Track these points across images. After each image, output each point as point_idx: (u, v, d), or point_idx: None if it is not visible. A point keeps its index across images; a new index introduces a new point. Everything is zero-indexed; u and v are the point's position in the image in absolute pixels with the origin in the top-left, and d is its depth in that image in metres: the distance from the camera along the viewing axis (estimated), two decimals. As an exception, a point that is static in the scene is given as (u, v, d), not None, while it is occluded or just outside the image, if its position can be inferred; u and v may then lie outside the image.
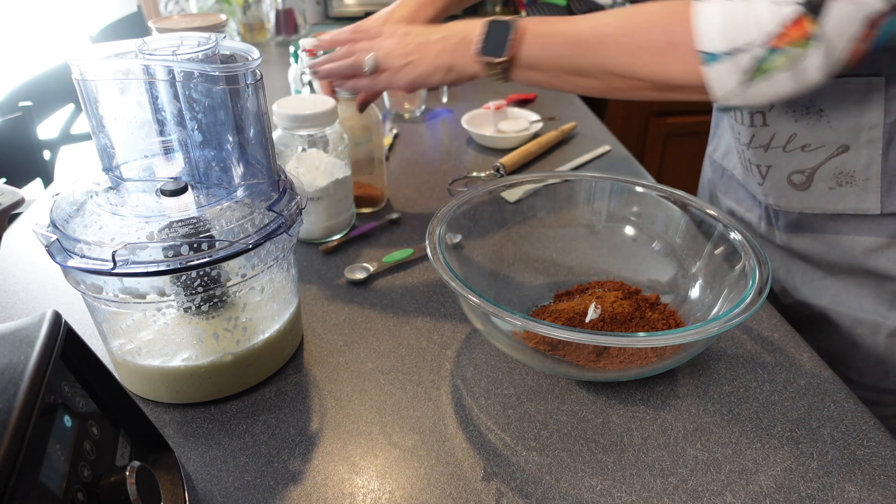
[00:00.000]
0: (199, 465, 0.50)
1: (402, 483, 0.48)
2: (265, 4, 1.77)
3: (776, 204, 0.72)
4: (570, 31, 0.61)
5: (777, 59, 0.51)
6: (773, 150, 0.68)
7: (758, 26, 0.50)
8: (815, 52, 0.50)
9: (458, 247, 0.65)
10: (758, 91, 0.53)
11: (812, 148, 0.65)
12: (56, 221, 0.48)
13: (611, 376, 0.55)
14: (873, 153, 0.62)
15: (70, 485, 0.34)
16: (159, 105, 0.51)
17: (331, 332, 0.64)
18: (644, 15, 0.58)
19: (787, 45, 0.50)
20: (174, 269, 0.46)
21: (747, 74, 0.52)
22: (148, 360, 0.53)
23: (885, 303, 0.67)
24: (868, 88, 0.60)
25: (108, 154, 0.52)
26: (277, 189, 0.53)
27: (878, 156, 0.62)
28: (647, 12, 0.58)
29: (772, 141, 0.68)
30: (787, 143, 0.66)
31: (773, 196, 0.72)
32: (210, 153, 0.52)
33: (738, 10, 0.51)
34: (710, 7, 0.53)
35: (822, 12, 0.48)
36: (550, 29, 0.62)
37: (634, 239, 0.71)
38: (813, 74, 0.51)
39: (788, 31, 0.50)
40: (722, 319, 0.49)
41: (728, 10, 0.52)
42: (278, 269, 0.56)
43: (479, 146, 1.08)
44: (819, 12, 0.49)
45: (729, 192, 0.83)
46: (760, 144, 0.69)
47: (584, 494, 0.47)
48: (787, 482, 0.48)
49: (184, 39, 0.51)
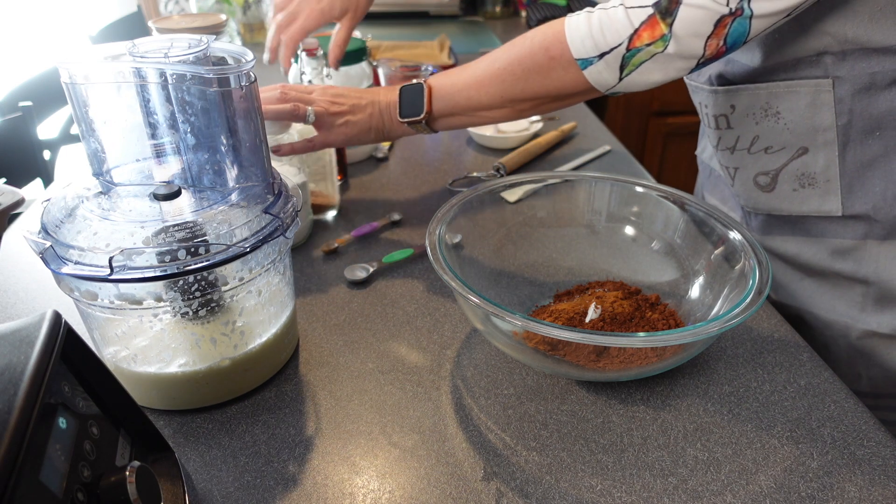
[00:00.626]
0: (199, 465, 0.50)
1: (402, 483, 0.48)
2: (265, 4, 1.77)
3: (747, 205, 0.73)
4: (469, 76, 0.70)
5: (639, 56, 0.59)
6: (739, 153, 0.69)
7: (616, 31, 0.59)
8: (670, 47, 0.57)
9: (458, 247, 0.65)
10: (632, 81, 0.61)
11: (774, 150, 0.66)
12: (47, 227, 0.47)
13: (611, 376, 0.55)
14: (830, 155, 0.63)
15: (70, 485, 0.34)
16: (151, 108, 0.50)
17: (331, 333, 0.64)
18: (526, 42, 0.66)
19: (643, 43, 0.58)
20: (172, 273, 0.45)
21: (620, 70, 0.61)
22: (144, 367, 0.53)
23: (856, 305, 0.67)
24: (817, 91, 0.61)
25: (98, 158, 0.52)
26: (272, 192, 0.53)
27: (835, 158, 0.63)
28: (528, 39, 0.66)
29: (737, 143, 0.69)
30: (752, 146, 0.68)
31: (743, 197, 0.73)
32: (203, 156, 0.52)
33: (600, 18, 0.59)
34: (576, 20, 0.61)
35: (672, 14, 0.56)
36: (452, 80, 0.72)
37: (634, 239, 0.71)
38: (676, 65, 0.59)
39: (642, 32, 0.58)
40: (722, 319, 0.49)
41: (592, 20, 0.60)
42: (275, 272, 0.56)
43: (479, 146, 1.08)
44: (669, 14, 0.56)
45: (715, 191, 0.84)
46: (727, 147, 0.70)
47: (584, 494, 0.47)
48: (787, 482, 0.48)
49: (174, 41, 0.51)
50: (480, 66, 0.70)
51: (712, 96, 0.69)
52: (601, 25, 0.59)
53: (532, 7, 2.02)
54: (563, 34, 0.62)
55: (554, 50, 0.63)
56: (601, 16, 0.59)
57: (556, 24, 0.63)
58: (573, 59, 0.62)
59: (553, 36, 0.63)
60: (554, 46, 0.63)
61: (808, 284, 0.71)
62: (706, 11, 0.55)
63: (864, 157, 0.62)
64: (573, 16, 0.62)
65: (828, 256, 0.68)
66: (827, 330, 0.71)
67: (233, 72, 0.48)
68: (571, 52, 0.62)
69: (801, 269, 0.72)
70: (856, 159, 0.62)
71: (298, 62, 0.84)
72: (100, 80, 0.49)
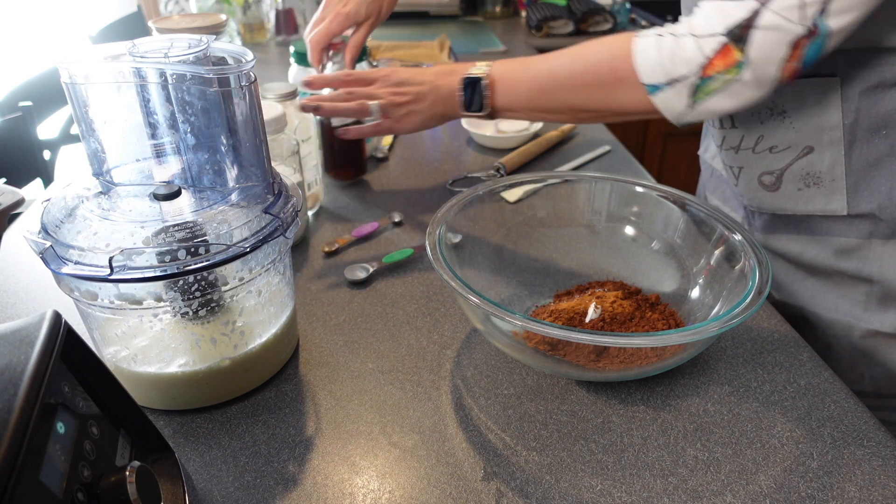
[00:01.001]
0: (199, 465, 0.50)
1: (402, 483, 0.48)
2: (265, 4, 1.77)
3: (750, 204, 0.73)
4: (532, 80, 0.70)
5: (712, 84, 0.58)
6: (744, 152, 0.69)
7: (687, 61, 0.57)
8: (745, 74, 0.56)
9: (458, 247, 0.65)
10: (704, 109, 0.60)
11: (779, 149, 0.66)
12: (47, 227, 0.47)
13: (611, 376, 0.55)
14: (836, 154, 0.63)
15: (70, 485, 0.34)
16: (151, 108, 0.50)
17: (331, 333, 0.64)
18: (592, 56, 0.65)
19: (717, 72, 0.57)
20: (172, 273, 0.45)
21: (690, 98, 0.59)
22: (144, 367, 0.53)
23: (859, 304, 0.67)
24: (825, 90, 0.61)
25: (98, 158, 0.52)
26: (272, 192, 0.53)
27: (840, 157, 0.63)
28: (594, 52, 0.65)
29: (741, 142, 0.69)
30: (756, 145, 0.67)
31: (747, 197, 0.73)
32: (203, 156, 0.52)
33: (670, 47, 0.58)
34: (645, 44, 0.60)
35: (745, 40, 0.55)
36: (517, 76, 0.71)
37: (634, 239, 0.71)
38: (750, 93, 0.58)
39: (715, 61, 0.56)
40: (722, 319, 0.49)
41: (662, 47, 0.59)
42: (274, 272, 0.56)
43: (479, 146, 1.08)
44: (743, 41, 0.55)
45: (716, 191, 0.84)
46: (731, 146, 0.70)
47: (584, 494, 0.47)
48: (787, 482, 0.48)
49: (174, 41, 0.51)
50: (543, 69, 0.69)
51: None
52: (671, 54, 0.58)
53: (532, 7, 2.02)
54: (631, 56, 0.61)
55: (621, 71, 0.62)
56: (671, 44, 0.58)
57: (623, 42, 0.62)
58: (641, 83, 0.61)
59: (621, 56, 0.62)
60: (621, 67, 0.62)
61: (811, 284, 0.71)
62: (781, 34, 0.53)
63: (870, 156, 0.61)
64: (641, 38, 0.61)
65: (831, 255, 0.68)
66: (829, 329, 0.71)
67: (233, 72, 0.48)
68: (639, 77, 0.61)
69: (804, 268, 0.72)
70: (862, 158, 0.62)
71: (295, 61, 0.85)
72: (100, 80, 0.49)
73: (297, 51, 0.94)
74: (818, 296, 0.71)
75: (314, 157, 0.84)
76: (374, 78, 0.77)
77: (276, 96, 0.79)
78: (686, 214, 0.66)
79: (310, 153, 0.83)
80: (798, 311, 0.74)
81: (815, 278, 0.71)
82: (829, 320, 0.70)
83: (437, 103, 0.75)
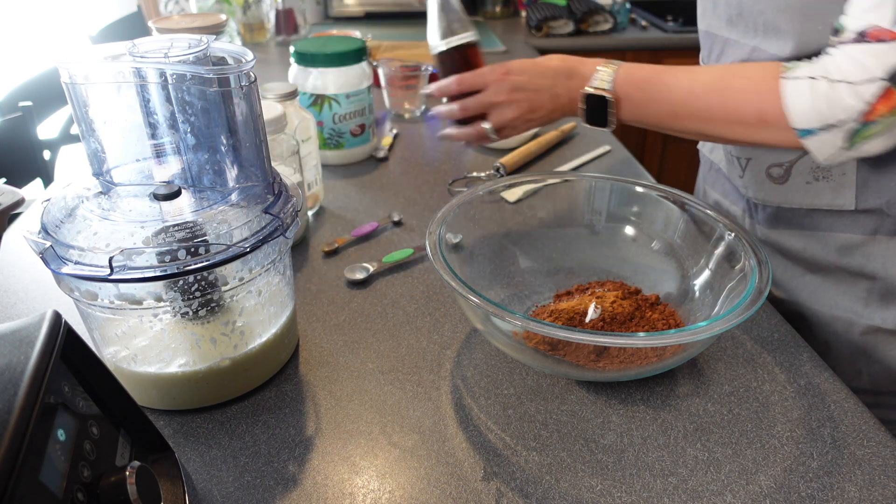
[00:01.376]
0: (199, 465, 0.50)
1: (402, 483, 0.48)
2: (265, 4, 1.77)
3: (755, 197, 0.73)
4: (665, 103, 0.65)
5: (874, 128, 0.54)
6: None
7: (845, 108, 0.54)
8: None
9: (458, 247, 0.65)
10: (860, 151, 0.56)
11: None
12: (47, 227, 0.47)
13: (611, 376, 0.55)
14: None
15: (70, 485, 0.34)
16: (151, 108, 0.50)
17: (331, 333, 0.64)
18: (734, 92, 0.61)
19: (880, 116, 0.53)
20: (172, 273, 0.45)
21: (847, 142, 0.56)
22: (144, 367, 0.53)
23: (860, 301, 0.67)
24: None
25: (98, 158, 0.52)
26: (272, 191, 0.53)
27: None
28: (737, 89, 0.61)
29: None
30: None
31: (752, 189, 0.72)
32: (203, 156, 0.52)
33: (826, 93, 0.54)
34: (797, 88, 0.56)
35: None
36: (643, 97, 0.66)
37: (634, 239, 0.71)
38: None
39: (878, 106, 0.53)
40: (722, 319, 0.49)
41: (816, 92, 0.55)
42: (274, 272, 0.56)
43: (479, 146, 1.08)
44: None
45: (716, 185, 0.84)
46: None
47: (584, 494, 0.47)
48: (787, 482, 0.48)
49: (174, 41, 0.51)
50: (676, 95, 0.65)
51: None
52: (827, 100, 0.55)
53: (532, 7, 2.02)
54: (779, 99, 0.58)
55: (769, 114, 0.59)
56: (826, 89, 0.55)
57: (769, 80, 0.58)
58: (790, 126, 0.58)
59: (768, 99, 0.58)
60: (769, 111, 0.59)
61: (812, 280, 0.71)
62: None
63: None
64: (791, 80, 0.57)
65: (834, 252, 0.68)
66: (829, 326, 0.71)
67: (233, 72, 0.48)
68: (790, 121, 0.57)
69: (806, 264, 0.72)
70: None
71: None
72: (100, 80, 0.49)
73: (297, 51, 0.94)
74: (818, 292, 0.71)
75: (314, 157, 0.84)
76: (486, 83, 0.73)
77: (276, 96, 0.79)
78: (686, 214, 0.66)
79: (310, 153, 0.83)
80: (797, 309, 0.74)
81: (815, 275, 0.71)
82: (828, 317, 0.70)
83: (556, 112, 0.72)
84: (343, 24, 2.03)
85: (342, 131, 0.98)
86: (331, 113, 0.95)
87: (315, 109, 0.95)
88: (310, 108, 0.95)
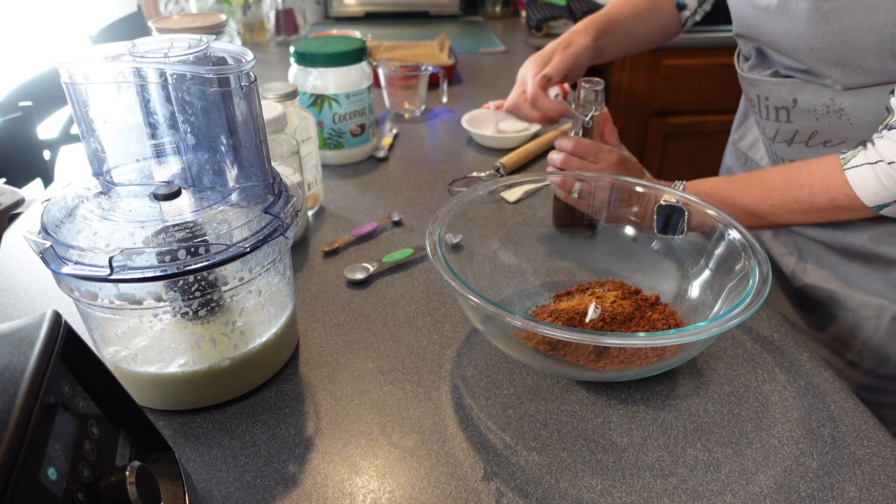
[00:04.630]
0: (199, 465, 0.50)
1: (402, 483, 0.48)
2: (265, 4, 1.77)
3: None
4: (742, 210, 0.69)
5: None
6: (797, 145, 0.71)
7: None
8: None
9: (458, 247, 0.65)
10: None
11: (833, 143, 0.67)
12: (47, 227, 0.47)
13: (611, 376, 0.55)
14: None
15: (70, 485, 0.34)
16: (151, 108, 0.50)
17: (331, 333, 0.64)
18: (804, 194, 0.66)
19: None
20: (172, 273, 0.45)
21: None
22: (144, 367, 0.53)
23: (892, 287, 0.69)
24: (886, 90, 0.62)
25: (98, 158, 0.52)
26: (272, 191, 0.53)
27: None
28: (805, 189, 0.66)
29: (795, 136, 0.71)
30: (810, 139, 0.69)
31: None
32: (203, 156, 0.52)
33: (888, 172, 0.60)
34: (862, 175, 0.62)
35: None
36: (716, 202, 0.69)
37: (634, 239, 0.71)
38: None
39: None
40: (722, 319, 0.49)
41: (881, 176, 0.60)
42: (274, 272, 0.56)
43: (479, 146, 1.08)
44: None
45: None
46: (784, 139, 0.72)
47: (584, 494, 0.47)
48: (787, 482, 0.48)
49: (174, 41, 0.51)
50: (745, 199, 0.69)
51: (776, 88, 0.70)
52: (891, 179, 0.60)
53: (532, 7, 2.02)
54: (849, 187, 0.63)
55: (841, 202, 0.64)
56: (888, 171, 0.60)
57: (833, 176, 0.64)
58: (866, 206, 0.63)
59: (837, 190, 0.64)
60: (841, 199, 0.64)
61: (844, 266, 0.73)
62: None
63: None
64: (853, 168, 0.62)
65: (868, 240, 0.70)
66: (859, 311, 0.72)
67: (233, 72, 0.48)
68: (864, 203, 0.63)
69: (838, 250, 0.73)
70: None
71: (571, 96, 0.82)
72: (100, 80, 0.49)
73: (297, 51, 0.94)
74: (850, 277, 0.72)
75: (314, 157, 0.84)
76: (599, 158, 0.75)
77: (276, 96, 0.79)
78: (686, 214, 0.66)
79: (310, 153, 0.83)
80: (829, 294, 0.74)
81: (847, 260, 0.73)
82: (858, 302, 0.72)
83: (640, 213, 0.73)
84: (343, 24, 2.03)
85: (342, 131, 0.98)
86: (331, 113, 0.95)
87: (315, 109, 0.95)
88: (310, 108, 0.95)
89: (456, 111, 1.23)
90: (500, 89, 1.34)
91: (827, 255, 0.74)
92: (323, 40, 0.99)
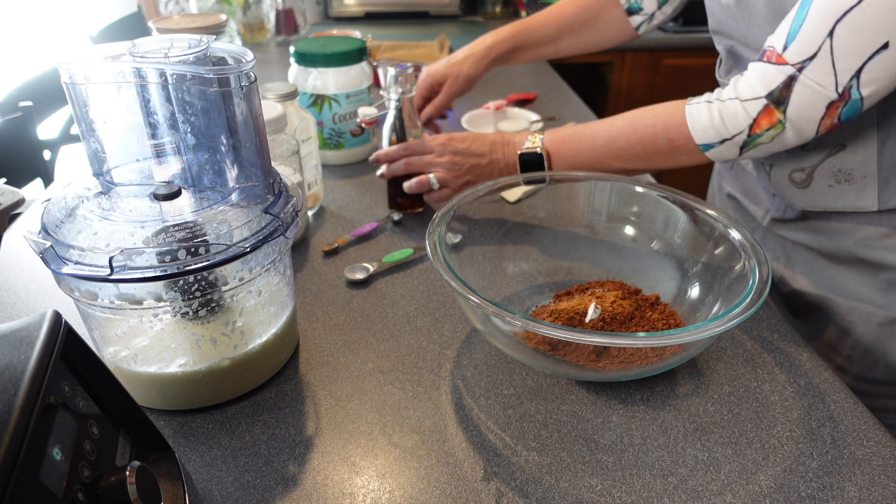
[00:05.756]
0: (199, 465, 0.50)
1: (402, 483, 0.48)
2: (265, 4, 1.77)
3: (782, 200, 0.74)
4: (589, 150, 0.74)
5: (760, 139, 0.63)
6: None
7: (736, 122, 0.63)
8: (787, 131, 0.61)
9: (458, 247, 0.65)
10: (751, 154, 0.66)
11: (811, 147, 0.67)
12: (47, 227, 0.47)
13: (611, 376, 0.55)
14: (869, 151, 0.64)
15: (70, 485, 0.34)
16: (151, 108, 0.50)
17: (331, 333, 0.64)
18: (647, 128, 0.70)
19: (763, 130, 0.62)
20: (172, 273, 0.45)
21: (740, 151, 0.65)
22: (144, 367, 0.53)
23: (880, 292, 0.68)
24: None
25: (98, 158, 0.52)
26: (272, 191, 0.53)
27: (873, 153, 0.63)
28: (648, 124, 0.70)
29: None
30: None
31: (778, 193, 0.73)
32: (203, 156, 0.52)
33: (720, 110, 0.64)
34: (697, 111, 0.66)
35: (784, 103, 0.60)
36: (571, 148, 0.75)
37: (634, 239, 0.71)
38: (793, 142, 0.63)
39: (760, 120, 0.62)
40: (722, 319, 0.49)
41: (712, 112, 0.65)
42: (274, 272, 0.56)
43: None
44: (781, 103, 0.60)
45: (736, 182, 0.85)
46: None
47: (584, 494, 0.47)
48: (787, 482, 0.48)
49: (174, 41, 0.51)
50: (598, 141, 0.73)
51: None
52: (721, 117, 0.64)
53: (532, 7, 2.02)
54: (685, 124, 0.66)
55: (677, 140, 0.68)
56: (720, 108, 0.64)
57: (676, 112, 0.68)
58: (696, 146, 0.67)
59: (675, 126, 0.68)
60: (677, 137, 0.68)
61: (832, 270, 0.73)
62: (816, 98, 0.58)
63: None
64: (692, 105, 0.66)
65: (855, 245, 0.69)
66: (847, 316, 0.72)
67: (233, 72, 0.48)
68: (694, 140, 0.66)
69: (826, 255, 0.73)
70: (894, 154, 0.62)
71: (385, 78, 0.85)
72: (100, 80, 0.49)
73: (297, 51, 0.94)
74: (838, 282, 0.72)
75: (314, 157, 0.84)
76: (430, 149, 0.79)
77: (276, 96, 0.79)
78: (686, 214, 0.66)
79: (310, 153, 0.83)
80: (818, 299, 0.74)
81: (836, 265, 0.72)
82: (847, 307, 0.72)
83: (495, 174, 0.79)
84: (343, 24, 2.03)
85: (342, 131, 0.98)
86: (331, 113, 0.95)
87: (315, 109, 0.95)
88: (310, 108, 0.95)
89: (456, 111, 1.23)
90: (500, 89, 1.34)
91: (814, 259, 0.74)
92: (323, 40, 0.99)
